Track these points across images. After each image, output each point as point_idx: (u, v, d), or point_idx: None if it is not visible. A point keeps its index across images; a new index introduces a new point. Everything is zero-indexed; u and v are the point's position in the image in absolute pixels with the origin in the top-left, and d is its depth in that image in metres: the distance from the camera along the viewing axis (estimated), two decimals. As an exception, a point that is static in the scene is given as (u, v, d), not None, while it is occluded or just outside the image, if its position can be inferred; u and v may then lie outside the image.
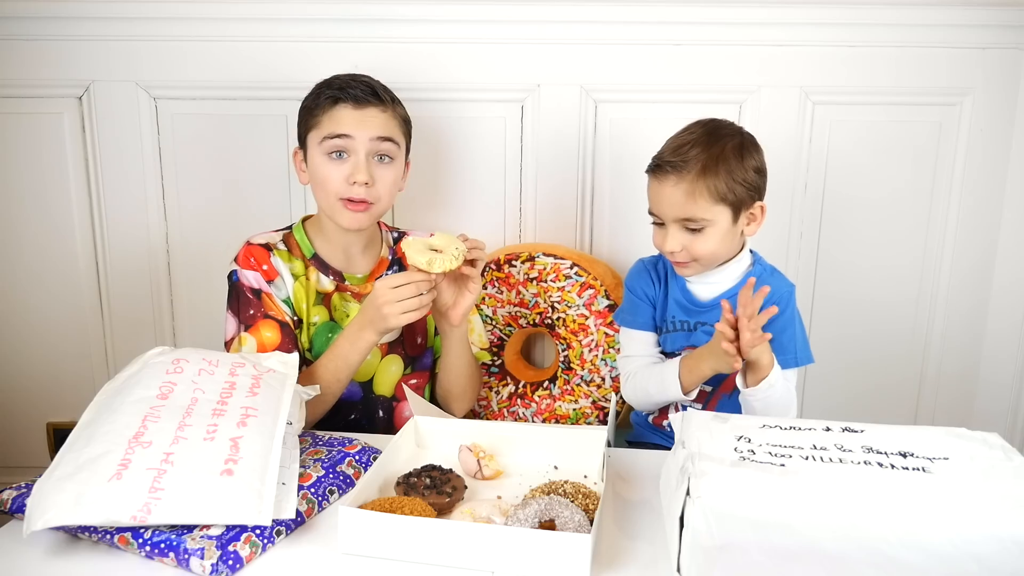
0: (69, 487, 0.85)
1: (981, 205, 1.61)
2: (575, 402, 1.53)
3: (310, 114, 1.26)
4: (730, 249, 1.22)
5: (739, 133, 1.21)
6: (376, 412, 1.36)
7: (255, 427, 0.96)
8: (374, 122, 1.25)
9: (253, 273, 1.26)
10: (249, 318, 1.24)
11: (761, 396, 1.13)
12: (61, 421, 1.78)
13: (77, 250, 1.71)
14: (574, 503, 0.90)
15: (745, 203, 1.18)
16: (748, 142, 1.20)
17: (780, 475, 0.83)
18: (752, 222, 1.21)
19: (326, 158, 1.24)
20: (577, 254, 1.57)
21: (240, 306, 1.25)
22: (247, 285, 1.25)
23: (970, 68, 1.55)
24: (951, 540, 0.75)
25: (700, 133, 1.19)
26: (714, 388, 1.25)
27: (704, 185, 1.15)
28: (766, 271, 1.26)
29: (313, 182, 1.28)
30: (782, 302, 1.18)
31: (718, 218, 1.17)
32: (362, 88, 1.25)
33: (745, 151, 1.18)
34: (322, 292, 1.31)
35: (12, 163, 1.67)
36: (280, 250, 1.29)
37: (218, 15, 1.57)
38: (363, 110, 1.24)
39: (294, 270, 1.29)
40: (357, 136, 1.23)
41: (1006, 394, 1.69)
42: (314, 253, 1.31)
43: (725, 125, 1.22)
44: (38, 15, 1.57)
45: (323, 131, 1.24)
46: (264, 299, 1.25)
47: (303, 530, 0.92)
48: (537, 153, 1.63)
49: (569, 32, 1.56)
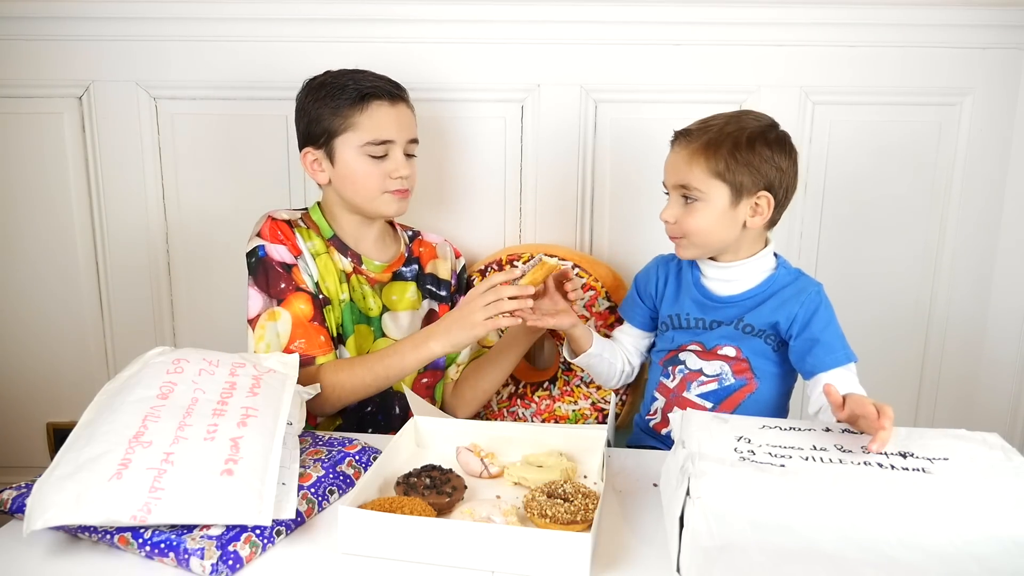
0: (69, 487, 0.85)
1: (981, 205, 1.61)
2: (575, 403, 1.53)
3: (337, 114, 1.26)
4: (727, 236, 1.18)
5: (770, 126, 1.17)
6: (393, 407, 1.38)
7: (255, 427, 0.96)
8: (407, 121, 1.31)
9: (281, 247, 1.26)
10: (281, 292, 1.24)
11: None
12: (61, 421, 1.78)
13: (77, 250, 1.71)
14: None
15: (747, 189, 1.14)
16: (773, 137, 1.16)
17: (780, 475, 0.83)
18: (757, 214, 1.17)
19: (365, 159, 1.27)
20: (579, 255, 1.57)
21: (269, 280, 1.24)
22: (276, 259, 1.25)
23: (970, 68, 1.55)
24: (951, 540, 0.75)
25: (730, 114, 1.18)
26: (714, 405, 1.24)
27: (704, 155, 1.14)
28: (791, 275, 1.22)
29: (346, 180, 1.29)
30: (813, 302, 1.17)
31: (713, 194, 1.15)
32: (385, 82, 1.29)
33: (762, 141, 1.14)
34: (345, 271, 1.33)
35: (12, 163, 1.67)
36: (301, 227, 1.32)
37: (218, 15, 1.57)
38: (396, 106, 1.29)
39: (315, 248, 1.31)
40: (398, 139, 1.28)
41: (1006, 394, 1.69)
42: (333, 234, 1.34)
43: (759, 116, 1.19)
44: (38, 15, 1.57)
45: (364, 136, 1.26)
46: (295, 272, 1.25)
47: (303, 530, 0.92)
48: (537, 153, 1.63)
49: (569, 32, 1.56)
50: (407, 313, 1.39)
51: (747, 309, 1.21)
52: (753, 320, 1.20)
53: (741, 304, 1.22)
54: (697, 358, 1.24)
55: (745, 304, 1.21)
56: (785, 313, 1.18)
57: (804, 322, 1.17)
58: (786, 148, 1.18)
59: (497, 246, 1.67)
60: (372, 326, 1.35)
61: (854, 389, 1.12)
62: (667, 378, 1.28)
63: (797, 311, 1.17)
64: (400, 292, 1.38)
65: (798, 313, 1.17)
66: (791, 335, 1.18)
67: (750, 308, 1.21)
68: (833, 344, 1.16)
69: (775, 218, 1.20)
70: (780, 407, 1.26)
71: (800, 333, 1.17)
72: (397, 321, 1.38)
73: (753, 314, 1.20)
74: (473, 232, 1.66)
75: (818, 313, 1.17)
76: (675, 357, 1.27)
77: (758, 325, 1.20)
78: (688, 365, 1.25)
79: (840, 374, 1.15)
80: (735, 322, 1.21)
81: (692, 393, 1.24)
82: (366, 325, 1.35)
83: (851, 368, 1.16)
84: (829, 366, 1.15)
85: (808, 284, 1.21)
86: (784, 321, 1.18)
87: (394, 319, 1.37)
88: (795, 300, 1.18)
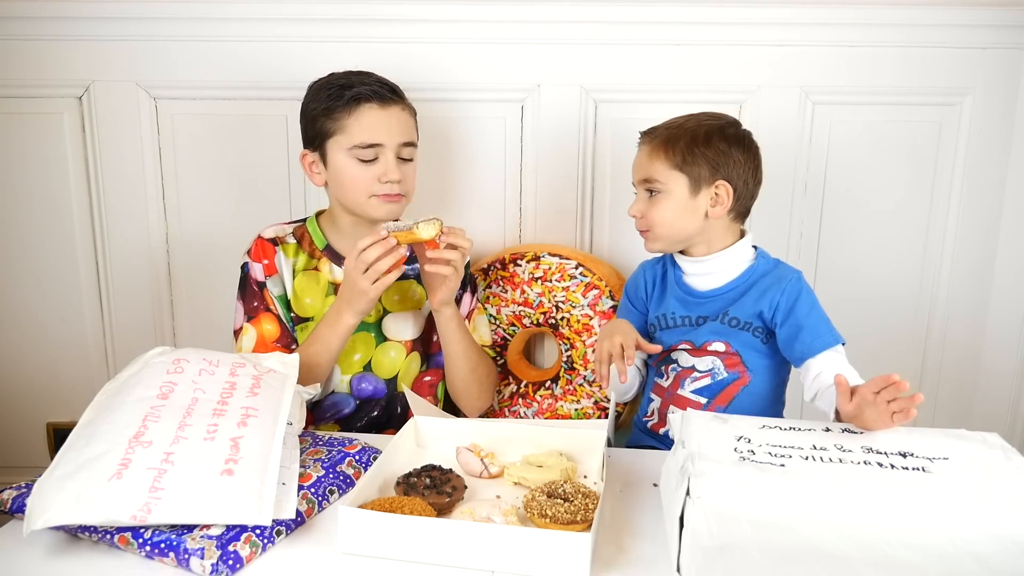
0: (69, 486, 0.85)
1: (981, 205, 1.61)
2: (577, 402, 1.54)
3: (328, 117, 1.25)
4: (689, 227, 1.21)
5: (728, 124, 1.23)
6: (397, 408, 1.38)
7: (255, 427, 0.96)
8: (399, 124, 1.27)
9: (258, 266, 1.31)
10: (253, 310, 1.30)
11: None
12: (61, 421, 1.78)
13: (77, 250, 1.71)
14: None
15: (704, 179, 1.19)
16: (731, 132, 1.21)
17: (780, 475, 0.83)
18: (717, 204, 1.20)
19: (354, 162, 1.25)
20: (582, 255, 1.58)
21: (246, 297, 1.31)
22: (254, 278, 1.31)
23: (970, 68, 1.55)
24: (951, 540, 0.75)
25: (692, 114, 1.24)
26: (708, 401, 1.25)
27: (664, 150, 1.20)
28: (769, 264, 1.25)
29: (336, 183, 1.28)
30: (794, 289, 1.19)
31: (672, 185, 1.20)
32: (379, 85, 1.26)
33: (719, 135, 1.20)
34: (334, 283, 1.33)
35: (12, 163, 1.67)
36: (287, 244, 1.33)
37: (218, 15, 1.57)
38: (388, 109, 1.26)
39: (298, 265, 1.32)
40: (387, 143, 1.25)
41: (1006, 394, 1.69)
42: (327, 244, 1.34)
43: (720, 115, 1.24)
44: (38, 15, 1.57)
45: (352, 138, 1.24)
46: (265, 293, 1.30)
47: (303, 530, 0.92)
48: (537, 153, 1.63)
49: (569, 32, 1.56)
50: (410, 313, 1.38)
51: (730, 302, 1.23)
52: (738, 313, 1.22)
53: (723, 297, 1.24)
54: (688, 355, 1.26)
55: (727, 297, 1.24)
56: (767, 302, 1.20)
57: (787, 309, 1.19)
58: (744, 143, 1.22)
59: (497, 246, 1.67)
60: (372, 332, 1.35)
61: (845, 370, 1.14)
62: (661, 378, 1.30)
63: (779, 299, 1.19)
64: (403, 292, 1.38)
65: (780, 301, 1.19)
66: (776, 323, 1.20)
67: (732, 300, 1.23)
68: (819, 328, 1.18)
69: (741, 209, 1.24)
70: (775, 399, 1.28)
71: (785, 320, 1.19)
72: (401, 322, 1.37)
73: (736, 306, 1.22)
74: (473, 232, 1.64)
75: (800, 299, 1.19)
76: (667, 357, 1.29)
77: (743, 318, 1.22)
78: (680, 363, 1.27)
79: (829, 356, 1.17)
80: (720, 316, 1.23)
81: (687, 390, 1.25)
82: (365, 332, 1.34)
83: (839, 350, 1.18)
84: (817, 350, 1.17)
85: (787, 272, 1.23)
86: (767, 310, 1.20)
87: (397, 320, 1.37)
88: (776, 287, 1.20)
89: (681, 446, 0.93)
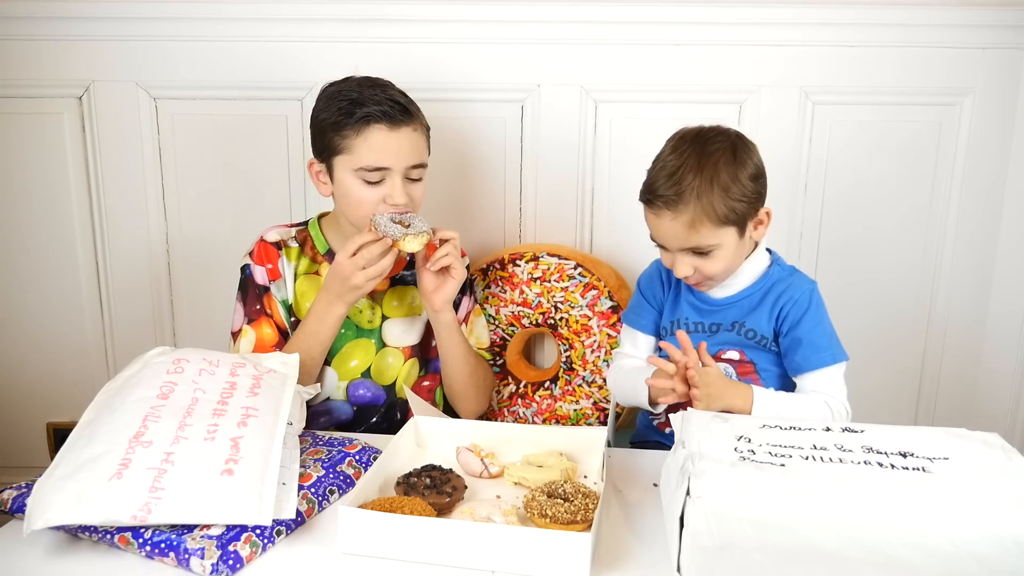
0: (69, 486, 0.85)
1: (981, 205, 1.61)
2: (576, 403, 1.54)
3: (337, 133, 1.22)
4: (742, 259, 1.20)
5: (729, 140, 1.14)
6: (396, 414, 1.38)
7: (255, 427, 0.96)
8: (409, 146, 1.23)
9: (261, 269, 1.30)
10: (255, 312, 1.29)
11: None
12: (61, 421, 1.78)
13: (77, 250, 1.71)
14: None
15: (749, 216, 1.15)
16: (740, 147, 1.14)
17: (780, 475, 0.83)
18: (760, 226, 1.18)
19: (360, 183, 1.23)
20: (581, 255, 1.58)
21: (247, 299, 1.30)
22: (256, 281, 1.30)
23: (970, 68, 1.55)
24: (951, 540, 0.75)
25: (688, 154, 1.13)
26: None
27: (704, 213, 1.10)
28: (784, 271, 1.23)
29: (342, 199, 1.27)
30: (804, 301, 1.18)
31: (724, 239, 1.13)
32: (390, 104, 1.21)
33: (738, 160, 1.12)
34: None
35: (12, 163, 1.67)
36: (290, 247, 1.32)
37: (218, 15, 1.57)
38: (398, 131, 1.22)
39: (299, 269, 1.32)
40: (395, 167, 1.22)
41: (1006, 394, 1.69)
42: (328, 249, 1.33)
43: (712, 136, 1.15)
44: (38, 15, 1.57)
45: (358, 160, 1.21)
46: (267, 298, 1.30)
47: (303, 530, 0.92)
48: (537, 153, 1.63)
49: (569, 32, 1.56)
50: (410, 319, 1.37)
51: (744, 311, 1.21)
52: (755, 325, 1.21)
53: (738, 306, 1.22)
54: None
55: (742, 305, 1.22)
56: (777, 312, 1.19)
57: (794, 321, 1.18)
58: (749, 147, 1.16)
59: (497, 246, 1.67)
60: (372, 338, 1.35)
61: (829, 388, 1.15)
62: None
63: (789, 310, 1.18)
64: (400, 298, 1.37)
65: (789, 312, 1.18)
66: (780, 332, 1.20)
67: (747, 310, 1.21)
68: (819, 344, 1.17)
69: None
70: None
71: (788, 332, 1.18)
72: (400, 328, 1.36)
73: (752, 318, 1.21)
74: (472, 232, 1.66)
75: (808, 313, 1.18)
76: None
77: (760, 331, 1.20)
78: None
79: (823, 375, 1.16)
80: (736, 327, 1.21)
81: None
82: (366, 338, 1.34)
83: (838, 368, 1.17)
84: (813, 366, 1.16)
85: (801, 282, 1.21)
86: (776, 320, 1.19)
87: (397, 326, 1.36)
88: (787, 297, 1.19)
89: (681, 446, 0.93)
